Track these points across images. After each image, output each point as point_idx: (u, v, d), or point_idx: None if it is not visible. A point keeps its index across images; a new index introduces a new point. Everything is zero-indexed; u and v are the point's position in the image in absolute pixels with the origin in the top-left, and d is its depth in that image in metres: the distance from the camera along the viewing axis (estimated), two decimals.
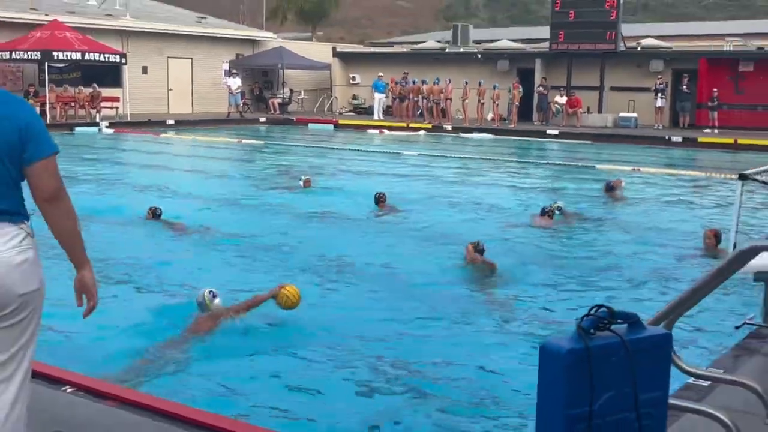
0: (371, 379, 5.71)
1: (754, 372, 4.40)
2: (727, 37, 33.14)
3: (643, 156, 22.55)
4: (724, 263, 3.44)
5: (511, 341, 6.50)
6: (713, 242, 9.49)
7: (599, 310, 2.72)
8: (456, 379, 5.67)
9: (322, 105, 37.22)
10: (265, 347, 6.34)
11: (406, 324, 6.95)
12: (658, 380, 2.86)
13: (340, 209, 12.55)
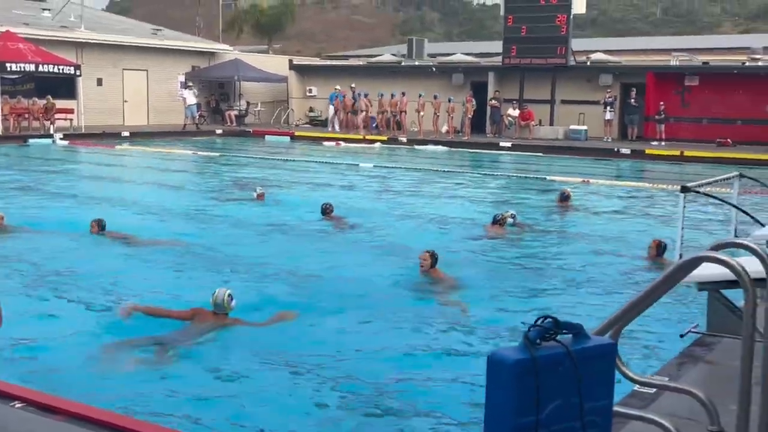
0: (319, 390, 5.74)
1: (698, 379, 4.53)
2: (674, 52, 33.83)
3: (593, 168, 22.92)
4: (667, 273, 3.55)
5: (458, 351, 6.58)
6: (655, 252, 9.70)
7: (545, 321, 2.80)
8: (404, 389, 5.72)
9: (278, 117, 37.16)
10: (214, 360, 6.36)
11: (355, 334, 7.00)
12: (603, 389, 2.94)
13: (293, 221, 12.57)
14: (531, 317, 2.91)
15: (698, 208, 12.72)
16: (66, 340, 6.59)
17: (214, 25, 56.23)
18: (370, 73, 36.30)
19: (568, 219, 13.76)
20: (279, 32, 55.69)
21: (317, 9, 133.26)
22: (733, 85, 28.54)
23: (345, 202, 14.25)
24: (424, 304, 8.10)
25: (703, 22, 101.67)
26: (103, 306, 7.73)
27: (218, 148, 27.96)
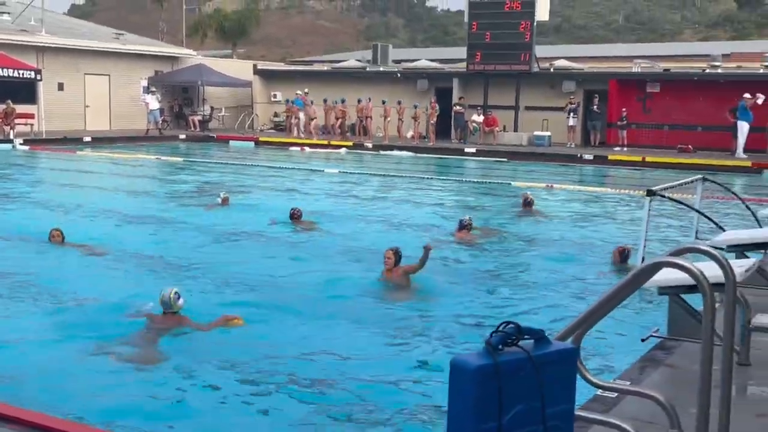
0: (282, 395, 5.73)
1: (659, 383, 4.58)
2: (635, 59, 34.30)
3: (557, 173, 23.12)
4: (628, 278, 3.59)
5: (421, 357, 6.59)
6: (618, 259, 9.80)
7: (507, 327, 2.82)
8: (366, 394, 5.71)
9: (243, 122, 36.98)
10: (178, 364, 6.31)
11: (316, 339, 6.98)
12: (565, 394, 2.96)
13: (257, 226, 12.53)
14: (494, 323, 2.92)
15: (661, 212, 12.87)
16: (21, 347, 6.50)
17: (178, 30, 55.89)
18: (334, 79, 36.31)
19: (532, 224, 13.85)
20: (243, 37, 55.51)
21: (282, 14, 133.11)
22: (693, 91, 28.98)
23: (310, 208, 14.24)
24: (386, 309, 8.10)
25: (665, 30, 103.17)
26: (60, 312, 7.66)
27: (182, 153, 27.77)
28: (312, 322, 7.59)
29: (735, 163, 24.20)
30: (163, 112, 33.81)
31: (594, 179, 23.18)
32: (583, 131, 30.40)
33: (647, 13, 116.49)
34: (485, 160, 26.96)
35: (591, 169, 25.24)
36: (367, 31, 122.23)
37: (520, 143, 29.88)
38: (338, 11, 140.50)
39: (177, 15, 56.49)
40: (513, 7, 30.52)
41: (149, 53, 36.31)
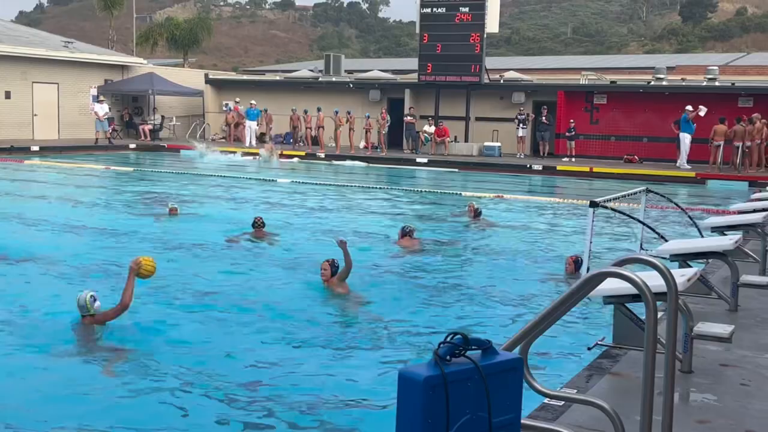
0: (225, 406, 5.70)
1: (605, 391, 4.66)
2: (583, 71, 34.83)
3: (507, 183, 23.36)
4: (573, 288, 3.66)
5: (368, 367, 6.59)
6: (572, 268, 9.94)
7: (455, 338, 2.86)
8: (315, 405, 5.70)
9: (194, 132, 36.67)
10: (127, 376, 6.26)
11: (269, 351, 6.95)
12: (511, 403, 3.01)
13: (205, 237, 12.44)
14: (440, 332, 2.96)
15: (609, 221, 13.09)
16: None
17: (128, 38, 55.31)
18: (287, 88, 36.25)
19: (481, 234, 13.96)
20: (195, 46, 55.03)
21: (234, 23, 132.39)
22: (639, 103, 29.55)
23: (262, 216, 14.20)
24: (331, 319, 8.08)
25: (611, 42, 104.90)
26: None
27: (131, 162, 27.43)
28: (256, 333, 7.56)
29: (680, 174, 24.71)
30: (112, 121, 33.40)
31: (543, 189, 23.46)
32: (533, 142, 30.76)
33: (595, 25, 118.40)
34: (437, 170, 27.12)
35: (540, 180, 25.55)
36: (319, 41, 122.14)
37: (471, 153, 30.14)
38: (291, 21, 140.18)
39: (127, 23, 55.89)
40: (463, 19, 30.83)
41: (99, 62, 35.83)
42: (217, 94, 37.93)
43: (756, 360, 5.30)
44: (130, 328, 7.38)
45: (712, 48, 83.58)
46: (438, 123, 31.13)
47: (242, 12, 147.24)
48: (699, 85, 29.55)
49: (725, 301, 6.62)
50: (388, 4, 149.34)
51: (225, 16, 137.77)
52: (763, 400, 4.56)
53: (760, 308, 6.75)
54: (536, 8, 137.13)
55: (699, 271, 5.42)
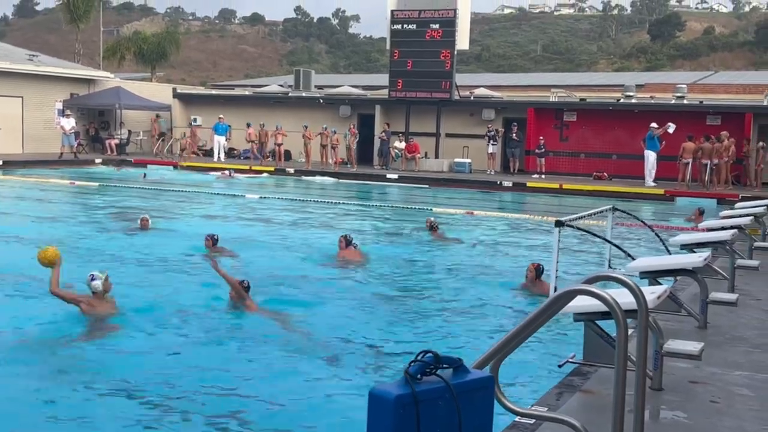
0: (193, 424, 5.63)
1: (575, 408, 4.63)
2: (553, 88, 35.11)
3: (477, 200, 23.42)
4: (544, 306, 3.63)
5: (338, 387, 6.53)
6: (534, 275, 9.96)
7: (426, 356, 2.82)
8: (284, 425, 5.64)
9: (161, 146, 36.37)
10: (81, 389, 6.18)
11: (234, 370, 6.88)
12: (482, 421, 2.98)
13: (175, 250, 12.34)
14: (412, 349, 2.92)
15: (576, 238, 13.14)
16: None
17: (95, 52, 54.89)
18: (256, 104, 36.14)
19: (450, 251, 13.95)
20: (163, 60, 54.73)
21: (202, 38, 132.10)
22: (608, 121, 29.83)
23: (228, 233, 14.12)
24: (299, 338, 7.98)
25: (581, 60, 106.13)
26: None
27: (98, 178, 27.11)
28: (222, 349, 7.49)
29: (648, 191, 24.94)
30: (78, 136, 33.06)
31: (513, 206, 23.55)
32: (503, 158, 30.90)
33: (564, 43, 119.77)
34: (407, 186, 27.14)
35: (510, 196, 25.66)
36: (289, 56, 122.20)
37: (442, 170, 30.22)
38: (260, 36, 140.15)
39: (94, 36, 55.54)
40: (434, 36, 30.98)
41: (65, 75, 35.49)
42: (185, 109, 37.72)
43: (725, 377, 5.31)
44: (97, 342, 7.29)
45: (680, 66, 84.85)
46: (408, 139, 31.19)
47: (211, 26, 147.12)
48: (667, 103, 29.91)
49: (695, 319, 6.65)
50: (359, 19, 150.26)
51: (194, 31, 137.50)
52: (733, 418, 4.55)
53: (728, 325, 6.79)
54: (506, 25, 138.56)
55: (669, 289, 5.43)
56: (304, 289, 10.08)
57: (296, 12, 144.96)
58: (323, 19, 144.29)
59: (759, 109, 27.67)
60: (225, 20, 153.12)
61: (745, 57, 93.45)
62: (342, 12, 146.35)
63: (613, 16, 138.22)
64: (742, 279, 8.69)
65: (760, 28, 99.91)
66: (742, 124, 27.23)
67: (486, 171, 29.83)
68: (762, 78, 45.22)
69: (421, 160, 30.89)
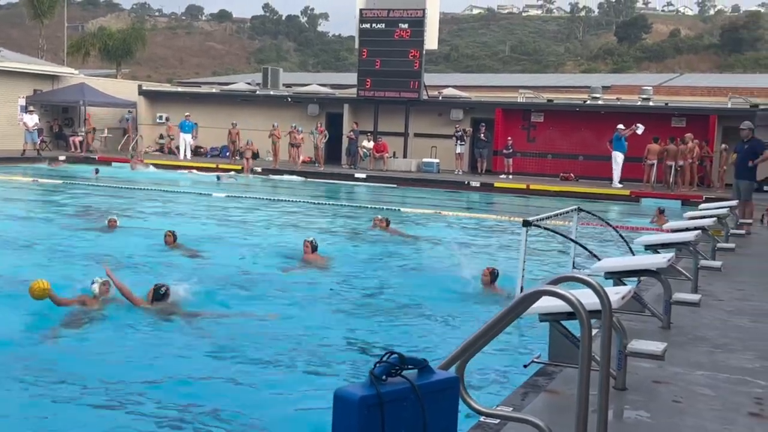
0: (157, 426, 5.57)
1: (540, 408, 4.66)
2: (521, 89, 35.30)
3: (445, 200, 23.48)
4: (509, 307, 3.64)
5: (302, 388, 6.51)
6: (488, 279, 10.00)
7: (391, 357, 2.82)
8: (249, 428, 5.61)
9: (126, 144, 36.03)
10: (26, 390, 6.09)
11: (197, 369, 6.84)
12: (447, 422, 2.98)
13: (142, 250, 12.25)
14: (377, 350, 2.92)
15: (542, 239, 13.21)
16: None
17: (59, 48, 54.16)
18: (223, 101, 35.93)
19: (413, 251, 13.97)
20: (128, 57, 54.18)
21: (169, 34, 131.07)
22: (575, 122, 30.06)
23: (194, 232, 14.04)
24: (262, 339, 7.94)
25: (548, 61, 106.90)
26: None
27: (62, 175, 26.77)
28: (186, 348, 7.44)
29: (614, 192, 25.18)
30: (41, 132, 32.64)
31: (480, 206, 23.64)
32: (471, 158, 31.02)
33: (532, 44, 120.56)
34: (375, 186, 27.14)
35: (478, 196, 25.75)
36: (257, 53, 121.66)
37: (410, 169, 30.25)
38: (228, 33, 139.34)
39: (58, 32, 54.77)
40: (403, 36, 31.01)
41: (28, 71, 34.98)
42: (150, 106, 37.36)
43: (688, 377, 5.37)
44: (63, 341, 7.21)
45: (646, 68, 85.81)
46: (377, 138, 31.19)
47: (178, 23, 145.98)
48: (633, 105, 30.19)
49: (658, 319, 6.71)
50: (328, 18, 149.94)
51: (160, 27, 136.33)
52: (695, 417, 4.61)
53: (691, 326, 6.87)
54: (475, 26, 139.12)
55: (633, 289, 5.47)
56: (266, 290, 10.02)
57: (264, 9, 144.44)
58: (292, 16, 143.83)
59: (723, 112, 28.03)
60: (192, 17, 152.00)
61: (710, 59, 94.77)
62: (311, 10, 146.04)
63: (580, 18, 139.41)
64: (705, 280, 8.80)
65: (725, 31, 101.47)
66: (707, 126, 27.59)
67: (454, 171, 29.91)
68: (726, 81, 45.87)
69: (390, 159, 30.91)
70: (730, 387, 5.19)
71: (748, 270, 10.18)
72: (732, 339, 6.47)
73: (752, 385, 5.23)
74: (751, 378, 5.39)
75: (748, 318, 7.30)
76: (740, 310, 7.63)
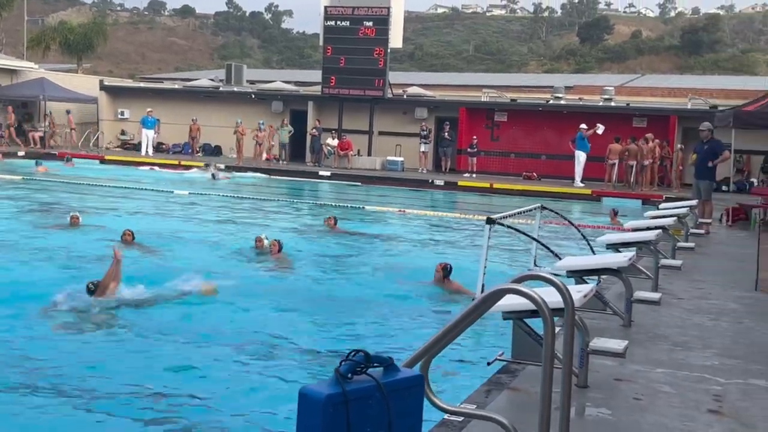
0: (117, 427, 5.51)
1: (504, 406, 4.68)
2: (484, 88, 35.49)
3: (409, 198, 23.52)
4: (473, 305, 3.66)
5: (267, 387, 6.48)
6: (441, 275, 10.04)
7: (356, 355, 2.82)
8: (214, 426, 5.57)
9: (87, 139, 35.57)
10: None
11: (156, 368, 6.79)
12: (412, 419, 2.99)
13: (101, 249, 12.10)
14: (344, 349, 2.92)
15: (504, 237, 13.28)
16: None
17: (18, 41, 53.30)
18: (186, 98, 35.63)
19: (377, 249, 13.97)
20: (89, 51, 53.41)
21: (131, 29, 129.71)
22: (538, 121, 30.30)
23: (151, 229, 13.95)
24: (225, 336, 7.90)
25: (512, 61, 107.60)
26: None
27: (20, 171, 26.33)
28: (146, 347, 7.39)
29: (576, 191, 25.40)
30: (0, 128, 32.09)
31: (444, 204, 23.72)
32: (435, 157, 31.11)
33: (496, 44, 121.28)
34: (340, 184, 27.10)
35: (442, 195, 25.83)
36: (221, 49, 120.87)
37: (374, 167, 30.26)
38: (191, 28, 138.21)
39: (18, 26, 53.92)
40: (367, 34, 31.00)
41: None
42: (112, 101, 36.92)
43: (648, 374, 5.44)
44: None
45: (608, 69, 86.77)
46: (341, 136, 31.14)
47: (140, 18, 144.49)
48: (595, 105, 30.51)
49: (619, 317, 6.79)
50: (292, 15, 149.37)
51: (122, 22, 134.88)
52: (656, 414, 4.67)
53: (652, 324, 6.95)
54: (440, 25, 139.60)
55: (595, 288, 5.53)
56: (230, 289, 9.93)
57: (228, 5, 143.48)
58: (256, 13, 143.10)
59: (683, 112, 28.43)
60: (154, 12, 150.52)
61: (671, 60, 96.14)
62: (275, 7, 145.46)
63: (543, 18, 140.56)
64: (666, 278, 8.92)
65: (685, 33, 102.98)
66: (667, 126, 27.96)
67: (418, 169, 29.96)
68: (687, 81, 46.54)
69: (354, 157, 30.89)
70: (690, 384, 5.26)
71: (707, 269, 10.34)
72: (692, 337, 6.56)
73: (711, 383, 5.32)
74: (711, 375, 5.48)
75: (707, 316, 7.41)
76: (700, 309, 7.75)
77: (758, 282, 9.18)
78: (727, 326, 7.07)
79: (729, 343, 6.43)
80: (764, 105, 16.52)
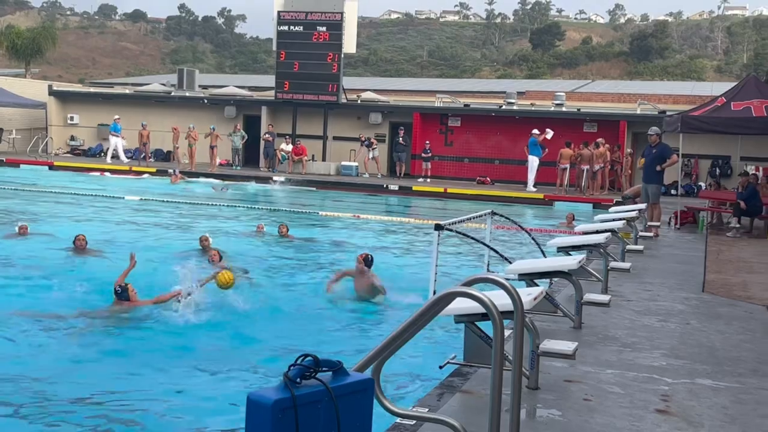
0: None
1: (455, 409, 4.70)
2: (438, 93, 35.65)
3: (364, 203, 23.51)
4: (424, 308, 3.67)
5: (215, 393, 6.43)
6: (362, 266, 10.05)
7: (305, 359, 2.81)
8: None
9: (36, 145, 34.94)
10: None
11: (109, 377, 6.70)
12: (362, 423, 2.98)
13: (52, 256, 11.91)
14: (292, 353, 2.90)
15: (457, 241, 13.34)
16: None
17: None
18: (137, 103, 35.20)
19: (330, 256, 13.93)
20: (38, 56, 52.50)
21: (81, 33, 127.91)
22: (491, 126, 30.51)
23: (101, 236, 13.73)
24: (173, 341, 7.82)
25: (465, 66, 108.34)
26: None
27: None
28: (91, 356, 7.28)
29: (529, 196, 25.64)
30: None
31: (399, 209, 23.76)
32: (389, 162, 31.14)
33: (450, 49, 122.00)
34: (294, 189, 26.99)
35: (396, 199, 25.87)
36: (172, 54, 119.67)
37: (329, 173, 30.20)
38: (142, 33, 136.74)
39: None
40: (320, 38, 30.96)
41: None
42: (61, 107, 36.32)
43: (598, 376, 5.51)
44: None
45: (559, 74, 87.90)
46: (295, 141, 31.03)
47: (90, 22, 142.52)
48: (547, 110, 30.82)
49: (570, 319, 6.87)
50: (245, 20, 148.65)
51: (72, 26, 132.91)
52: (605, 414, 4.73)
53: (602, 326, 7.04)
54: (393, 30, 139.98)
55: (545, 290, 5.59)
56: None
57: (180, 10, 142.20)
58: (208, 17, 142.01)
59: (633, 118, 28.89)
60: (105, 16, 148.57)
61: (621, 66, 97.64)
62: (228, 11, 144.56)
63: (496, 24, 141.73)
64: (615, 281, 9.04)
65: (635, 39, 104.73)
66: (617, 131, 28.36)
67: (363, 175, 29.82)
68: (636, 87, 47.34)
69: (308, 162, 30.78)
70: (638, 385, 5.34)
71: (655, 271, 10.50)
72: (640, 338, 6.66)
73: (659, 383, 5.40)
74: (659, 376, 5.56)
75: (655, 318, 7.53)
76: (648, 310, 7.87)
77: (705, 284, 9.37)
78: (675, 327, 7.19)
79: (676, 344, 6.54)
80: (711, 110, 16.83)
